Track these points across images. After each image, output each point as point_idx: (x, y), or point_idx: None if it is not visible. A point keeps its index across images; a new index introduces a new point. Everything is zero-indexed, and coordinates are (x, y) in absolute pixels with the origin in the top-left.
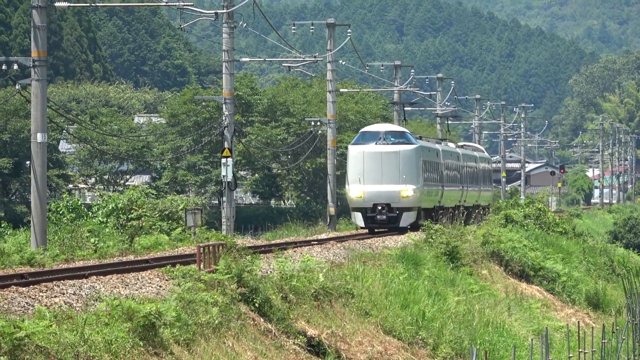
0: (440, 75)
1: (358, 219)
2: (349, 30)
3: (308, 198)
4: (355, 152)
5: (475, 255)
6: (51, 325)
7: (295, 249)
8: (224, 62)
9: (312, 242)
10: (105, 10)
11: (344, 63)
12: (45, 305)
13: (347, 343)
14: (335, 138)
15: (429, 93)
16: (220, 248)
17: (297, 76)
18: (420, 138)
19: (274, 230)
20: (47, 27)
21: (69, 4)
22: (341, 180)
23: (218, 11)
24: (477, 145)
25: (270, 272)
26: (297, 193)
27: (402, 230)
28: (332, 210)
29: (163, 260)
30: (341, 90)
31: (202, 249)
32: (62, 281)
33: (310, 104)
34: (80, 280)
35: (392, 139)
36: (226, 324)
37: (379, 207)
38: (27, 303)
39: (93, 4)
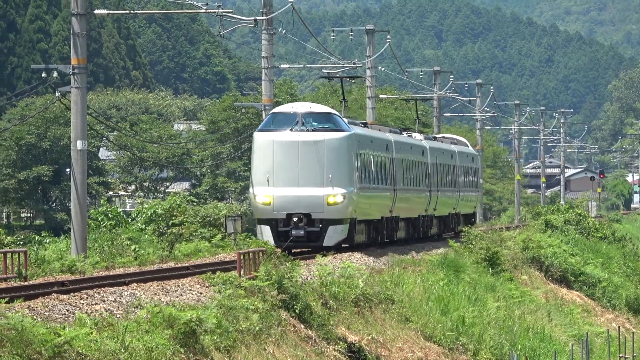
0: (479, 80)
1: (265, 234)
2: (388, 37)
3: None
4: (262, 142)
5: (515, 261)
6: (92, 333)
7: (335, 255)
8: (263, 68)
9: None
10: (144, 17)
11: (383, 69)
12: (86, 313)
13: (387, 349)
14: None
15: (468, 99)
16: (261, 255)
17: (336, 82)
18: (366, 125)
19: None
20: (87, 34)
21: (108, 12)
22: None
23: (257, 18)
24: (459, 137)
25: (311, 278)
26: None
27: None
28: None
29: (203, 267)
30: (380, 96)
31: (242, 255)
32: (102, 288)
33: (350, 110)
34: (121, 288)
35: (314, 123)
36: (267, 330)
37: (295, 219)
38: (67, 310)
39: (132, 12)
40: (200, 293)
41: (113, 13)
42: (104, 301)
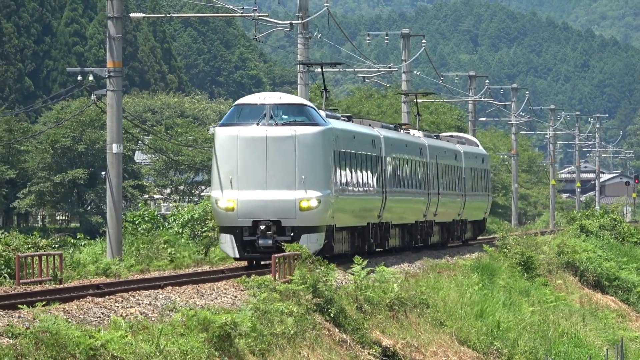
0: (514, 85)
1: (228, 244)
2: (424, 41)
3: None
4: (224, 138)
5: (550, 266)
6: (127, 336)
7: (370, 259)
8: (298, 72)
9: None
10: (180, 21)
11: (418, 73)
12: (121, 316)
13: (422, 353)
14: None
15: (503, 103)
16: (296, 259)
17: (371, 86)
18: (350, 119)
19: None
20: (122, 37)
21: (144, 15)
22: None
23: (293, 22)
24: (468, 136)
25: (345, 282)
26: None
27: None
28: None
29: (238, 270)
30: (417, 100)
31: (277, 259)
32: (137, 291)
33: (385, 114)
34: (156, 291)
35: (284, 116)
36: (301, 334)
37: (263, 227)
38: (102, 313)
39: (168, 15)
40: (235, 296)
41: (149, 16)
42: (139, 304)
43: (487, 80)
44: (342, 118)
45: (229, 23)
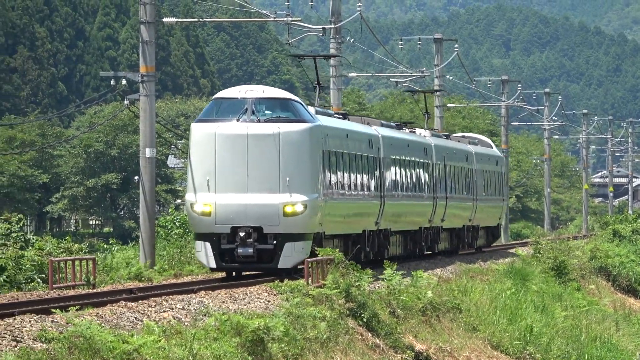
0: (547, 90)
1: (205, 252)
2: (456, 45)
3: None
4: (201, 135)
5: (582, 270)
6: (160, 340)
7: (403, 264)
8: (331, 77)
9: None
10: (212, 25)
11: (451, 78)
12: (154, 320)
13: (454, 358)
14: None
15: (536, 108)
16: (329, 263)
17: (404, 91)
18: (345, 117)
19: None
20: (155, 42)
21: (177, 20)
22: None
23: (326, 26)
24: (482, 137)
25: (378, 287)
26: None
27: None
28: None
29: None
30: (448, 105)
31: (310, 264)
32: (170, 296)
33: (418, 119)
34: (189, 295)
35: (267, 111)
36: (334, 338)
37: (242, 234)
38: (135, 318)
39: (201, 20)
40: (268, 301)
41: (182, 21)
42: (172, 309)
43: (519, 85)
44: (336, 115)
45: (262, 28)
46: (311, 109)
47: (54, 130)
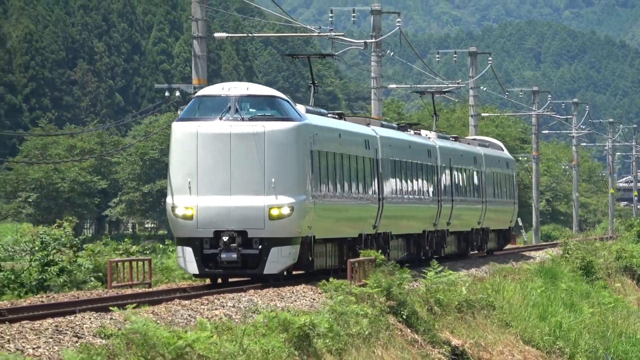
0: (575, 100)
1: (187, 258)
2: (490, 58)
3: None
4: (182, 135)
5: (609, 270)
6: (212, 336)
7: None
8: (372, 88)
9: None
10: (261, 40)
11: (484, 89)
12: (207, 317)
13: (489, 352)
14: None
15: (565, 117)
16: (370, 263)
17: (440, 101)
18: (341, 116)
19: None
20: (207, 56)
21: (227, 35)
22: None
23: (367, 41)
24: (492, 140)
25: (417, 285)
26: None
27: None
28: None
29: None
30: (482, 114)
31: (353, 264)
32: (222, 294)
33: (454, 127)
34: (239, 294)
35: (252, 109)
36: (375, 334)
37: (226, 238)
38: (189, 315)
39: (250, 35)
40: (313, 299)
41: (232, 36)
42: (224, 306)
43: (549, 95)
44: (330, 115)
45: (307, 42)
46: (301, 108)
47: (111, 139)
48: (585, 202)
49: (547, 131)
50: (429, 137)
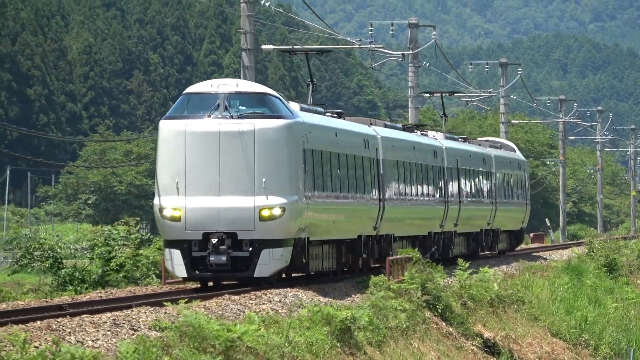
0: (599, 108)
1: (175, 260)
2: (519, 69)
3: None
4: (170, 133)
5: (631, 267)
6: (260, 329)
7: (472, 261)
8: (409, 97)
9: (487, 256)
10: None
11: (514, 97)
12: (255, 311)
13: (518, 344)
14: None
15: (589, 124)
16: (407, 261)
17: (473, 109)
18: (340, 116)
19: None
20: (255, 67)
21: (274, 47)
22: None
23: (405, 52)
24: (504, 141)
25: (451, 282)
26: None
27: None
28: None
29: (358, 272)
30: (512, 121)
31: (391, 262)
32: (269, 290)
33: (485, 133)
34: (285, 290)
35: (241, 107)
36: (412, 327)
37: (215, 240)
38: (238, 309)
39: (295, 47)
40: (354, 295)
41: (278, 48)
42: (270, 301)
43: (575, 104)
44: (329, 114)
45: (348, 54)
46: (295, 106)
47: None
48: (609, 203)
49: (573, 137)
50: (436, 138)
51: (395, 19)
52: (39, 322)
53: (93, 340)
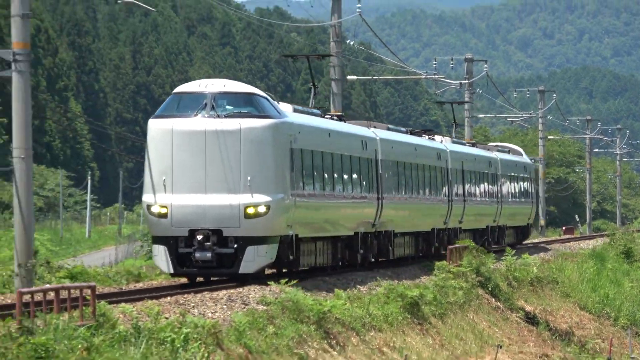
0: (619, 126)
1: (161, 257)
2: (554, 95)
3: None
4: (157, 132)
5: None
6: (345, 304)
7: (514, 250)
8: (466, 117)
9: (528, 245)
10: (382, 81)
11: (550, 118)
12: (342, 289)
13: (553, 316)
14: (544, 171)
15: (610, 139)
16: (464, 249)
17: (517, 127)
18: (341, 118)
19: None
20: (342, 93)
21: (357, 77)
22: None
23: (462, 82)
24: (512, 146)
25: (499, 266)
26: None
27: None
28: (542, 222)
29: (421, 258)
30: (548, 137)
31: (451, 250)
32: (354, 272)
33: (526, 147)
34: (365, 272)
35: (228, 106)
36: (468, 302)
37: (200, 237)
38: (328, 288)
39: (374, 77)
40: (421, 276)
41: (360, 78)
42: (355, 281)
43: (599, 123)
44: (328, 116)
45: (417, 83)
46: (288, 107)
47: None
48: (626, 202)
49: (597, 150)
50: (441, 142)
51: (454, 55)
52: (168, 298)
53: (212, 313)
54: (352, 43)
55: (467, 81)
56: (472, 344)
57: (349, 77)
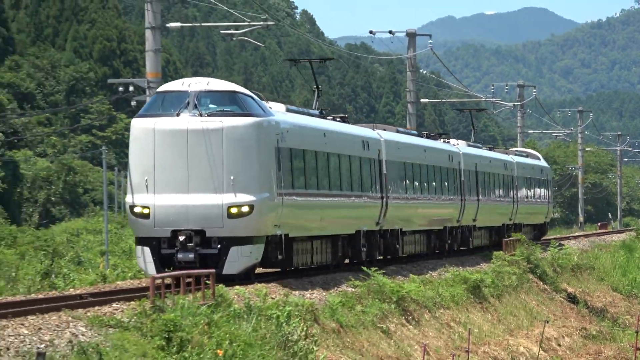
0: None
1: (146, 258)
2: (591, 114)
3: (567, 212)
4: (140, 131)
5: None
6: (420, 287)
7: (561, 242)
8: (518, 133)
9: (569, 238)
10: (449, 104)
11: (587, 133)
12: (416, 275)
13: (590, 297)
14: (583, 177)
15: (638, 150)
16: (517, 242)
17: (560, 141)
18: (344, 120)
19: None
20: (416, 114)
21: (429, 100)
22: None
23: (515, 103)
24: (530, 150)
25: (546, 255)
26: (560, 210)
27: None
28: (581, 218)
29: (483, 248)
30: (586, 149)
31: (505, 242)
32: (426, 261)
33: (568, 157)
34: (436, 261)
35: (211, 105)
36: (520, 285)
37: (183, 238)
38: (405, 274)
39: (442, 100)
40: (482, 264)
41: (431, 101)
42: (427, 268)
43: (628, 137)
44: (330, 117)
45: (477, 105)
46: (280, 107)
47: None
48: None
49: (626, 159)
50: (454, 145)
51: (508, 81)
52: (274, 282)
53: (310, 294)
54: (424, 72)
55: (519, 103)
56: (523, 319)
57: (422, 100)
